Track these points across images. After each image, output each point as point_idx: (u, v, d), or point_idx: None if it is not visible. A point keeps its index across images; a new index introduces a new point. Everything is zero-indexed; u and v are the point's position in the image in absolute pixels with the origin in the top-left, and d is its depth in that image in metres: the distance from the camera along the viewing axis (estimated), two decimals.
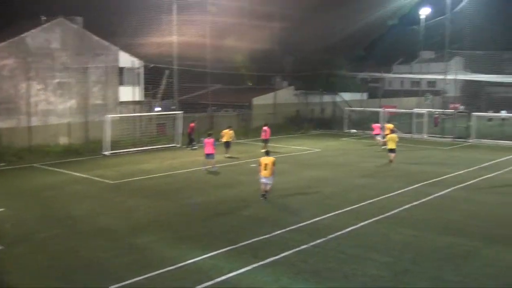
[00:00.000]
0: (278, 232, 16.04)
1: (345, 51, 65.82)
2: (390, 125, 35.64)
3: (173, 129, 38.37)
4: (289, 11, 51.58)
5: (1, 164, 29.18)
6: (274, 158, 20.81)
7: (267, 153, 21.30)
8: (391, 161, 29.47)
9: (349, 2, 52.74)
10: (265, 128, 35.48)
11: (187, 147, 36.23)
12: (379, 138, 37.77)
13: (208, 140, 27.87)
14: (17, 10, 34.31)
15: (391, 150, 29.64)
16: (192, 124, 37.19)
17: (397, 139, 30.11)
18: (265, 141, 34.96)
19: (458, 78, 55.52)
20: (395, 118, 47.90)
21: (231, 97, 51.73)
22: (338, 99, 57.22)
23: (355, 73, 65.43)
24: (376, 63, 70.75)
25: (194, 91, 49.40)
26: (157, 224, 17.26)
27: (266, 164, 20.37)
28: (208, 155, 27.64)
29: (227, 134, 32.53)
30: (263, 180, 20.50)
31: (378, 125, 39.46)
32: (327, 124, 51.52)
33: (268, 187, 20.64)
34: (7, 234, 16.23)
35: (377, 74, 69.15)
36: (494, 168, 28.11)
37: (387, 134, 33.22)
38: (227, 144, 32.37)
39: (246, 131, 43.81)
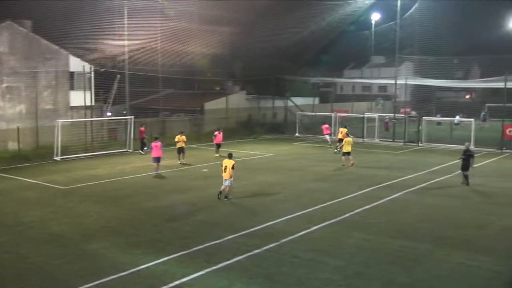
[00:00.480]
0: (231, 236, 16.10)
1: (296, 56, 66.55)
2: (344, 129, 36.21)
3: (124, 134, 37.97)
4: (238, 16, 51.75)
5: None
6: (234, 162, 21.22)
7: (230, 156, 21.71)
8: (344, 164, 29.96)
9: (300, 8, 53.31)
10: (216, 132, 35.60)
11: (140, 151, 35.93)
12: (327, 137, 40.59)
13: (156, 144, 27.90)
14: None
15: (347, 153, 30.18)
16: (142, 128, 37.00)
17: (352, 142, 30.76)
18: (218, 145, 35.05)
19: (408, 83, 56.51)
20: (347, 122, 48.52)
21: (183, 101, 51.58)
22: (289, 103, 57.69)
23: (307, 78, 66.07)
24: (327, 68, 71.85)
25: (146, 96, 49.07)
26: (108, 230, 17.06)
27: (226, 167, 20.91)
28: (155, 159, 27.65)
29: (181, 140, 31.83)
30: (224, 182, 21.06)
31: (327, 125, 41.74)
32: (279, 129, 51.81)
33: (225, 188, 21.16)
34: None
35: (329, 79, 69.94)
36: (444, 172, 28.61)
37: (340, 139, 33.80)
38: (181, 150, 31.72)
39: (198, 136, 43.73)
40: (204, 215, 19.02)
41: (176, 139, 31.84)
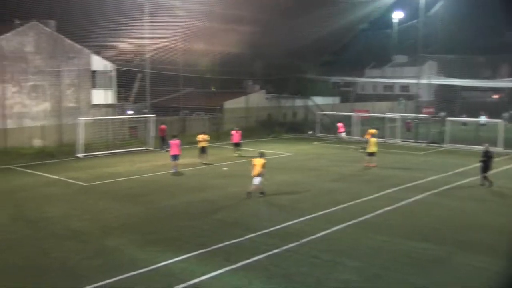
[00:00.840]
0: (250, 236, 16.10)
1: (317, 55, 66.34)
2: (373, 130, 35.84)
3: (145, 132, 38.26)
4: (258, 15, 51.72)
5: None
6: (264, 160, 21.62)
7: (261, 155, 22.16)
8: (368, 165, 29.79)
9: (320, 6, 53.10)
10: (232, 132, 35.56)
11: (161, 149, 36.15)
12: (343, 135, 42.54)
13: (174, 142, 27.98)
14: None
15: (372, 154, 30.04)
16: (163, 126, 37.24)
17: (376, 143, 30.62)
18: (236, 144, 34.95)
19: (431, 82, 55.62)
20: (368, 122, 48.22)
21: (203, 100, 51.72)
22: (310, 103, 57.50)
23: (327, 77, 65.78)
24: (348, 67, 71.44)
25: (166, 95, 49.33)
26: (127, 226, 17.21)
27: (255, 165, 21.40)
28: (174, 157, 27.76)
29: (203, 139, 31.33)
30: (253, 180, 21.55)
31: (341, 124, 43.36)
32: (299, 128, 51.70)
33: (255, 187, 21.48)
34: None
35: (349, 78, 69.50)
36: (467, 174, 28.07)
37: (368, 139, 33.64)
38: (204, 150, 31.25)
39: (218, 134, 43.82)
40: (223, 213, 19.06)
41: (200, 138, 31.30)
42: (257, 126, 50.79)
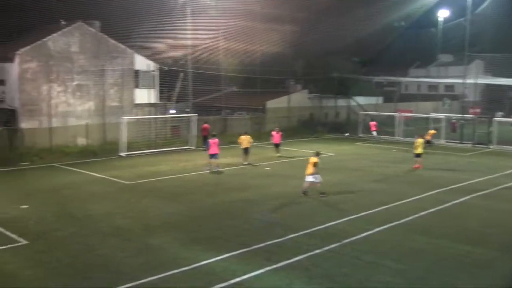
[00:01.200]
0: (291, 236, 16.11)
1: (359, 54, 65.75)
2: (433, 131, 35.23)
3: (187, 131, 38.66)
4: (299, 14, 51.61)
5: (24, 164, 29.85)
6: (316, 160, 21.76)
7: (317, 154, 22.38)
8: (417, 166, 29.43)
9: (362, 5, 52.63)
10: (273, 132, 35.45)
11: (204, 148, 36.49)
12: (375, 133, 44.35)
13: (213, 141, 28.24)
14: (38, 15, 34.95)
15: (418, 155, 29.66)
16: (206, 125, 37.59)
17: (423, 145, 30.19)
18: (276, 145, 34.81)
19: (478, 82, 54.26)
20: (411, 123, 47.61)
21: (245, 100, 51.86)
22: (352, 103, 57.08)
23: (370, 77, 65.12)
24: (392, 67, 70.42)
25: (208, 94, 49.64)
26: (170, 225, 17.45)
27: (309, 164, 21.73)
28: (213, 155, 28.04)
29: (246, 140, 31.26)
30: (306, 178, 21.82)
31: (375, 122, 44.75)
32: (341, 128, 51.32)
33: (307, 185, 21.80)
34: (31, 230, 16.69)
35: (393, 78, 68.64)
36: None
37: (428, 140, 33.17)
38: (247, 151, 31.13)
39: (259, 134, 43.90)
40: (264, 213, 19.12)
41: (243, 140, 31.16)
42: (299, 126, 50.68)
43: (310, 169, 21.59)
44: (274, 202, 20.91)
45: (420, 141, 29.96)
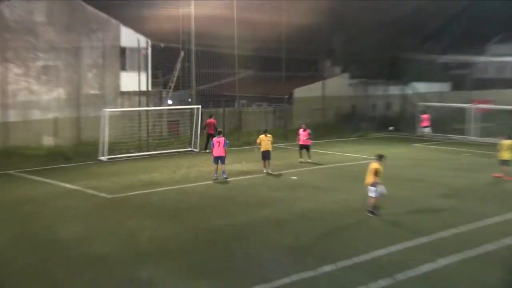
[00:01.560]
0: (327, 268, 15.90)
1: (419, 27, 65.22)
2: None
3: (190, 128, 38.59)
4: None
5: None
6: (377, 166, 21.37)
7: (379, 157, 21.89)
8: (500, 176, 29.04)
9: None
10: (300, 130, 34.74)
11: (205, 149, 36.46)
12: (427, 130, 44.17)
13: (218, 139, 27.97)
14: None
15: (505, 162, 29.31)
16: (212, 120, 37.46)
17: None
18: (302, 147, 34.23)
19: None
20: (490, 117, 46.98)
21: (266, 87, 51.82)
22: (409, 91, 56.68)
23: (433, 56, 64.64)
24: (463, 43, 69.42)
25: (217, 80, 49.67)
26: (166, 252, 17.35)
27: (368, 171, 21.52)
28: (217, 159, 27.82)
29: (266, 141, 30.72)
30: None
31: (427, 115, 44.72)
32: (394, 125, 51.02)
33: (370, 200, 21.48)
34: None
35: (464, 58, 67.98)
36: None
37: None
38: (267, 155, 30.59)
39: (285, 132, 43.73)
40: (290, 237, 18.91)
41: (264, 140, 30.76)
42: (337, 122, 50.59)
43: (370, 177, 21.34)
44: (303, 222, 20.73)
45: (508, 143, 29.56)
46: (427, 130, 45.40)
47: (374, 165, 21.50)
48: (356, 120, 51.10)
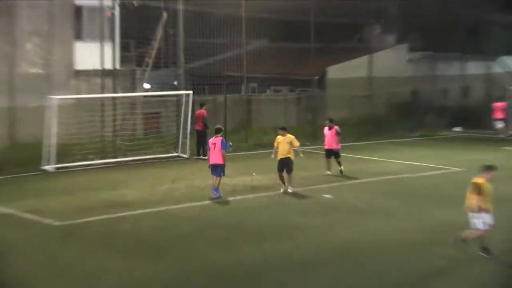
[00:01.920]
0: None
1: None
2: None
3: (176, 124, 38.56)
4: None
5: None
6: (480, 181, 20.86)
7: (486, 168, 21.40)
8: None
9: None
10: (325, 129, 34.53)
11: (197, 155, 36.50)
12: (500, 125, 45.49)
13: (214, 140, 28.16)
14: None
15: None
16: (202, 111, 37.29)
17: None
18: (330, 152, 33.95)
19: None
20: None
21: (287, 65, 51.77)
22: (496, 69, 56.57)
23: None
24: None
25: (215, 54, 49.56)
26: None
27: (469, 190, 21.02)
28: (214, 167, 28.02)
29: (282, 145, 30.24)
30: None
31: (501, 104, 46.19)
32: (473, 119, 50.93)
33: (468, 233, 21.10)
34: None
35: None
36: None
37: None
38: (284, 165, 30.08)
39: (314, 130, 43.65)
40: (322, 283, 18.77)
41: (282, 142, 30.35)
42: (390, 115, 50.54)
43: (473, 199, 20.84)
44: (343, 263, 20.57)
45: None
46: (500, 125, 45.66)
47: (478, 180, 20.92)
48: (418, 112, 51.00)
